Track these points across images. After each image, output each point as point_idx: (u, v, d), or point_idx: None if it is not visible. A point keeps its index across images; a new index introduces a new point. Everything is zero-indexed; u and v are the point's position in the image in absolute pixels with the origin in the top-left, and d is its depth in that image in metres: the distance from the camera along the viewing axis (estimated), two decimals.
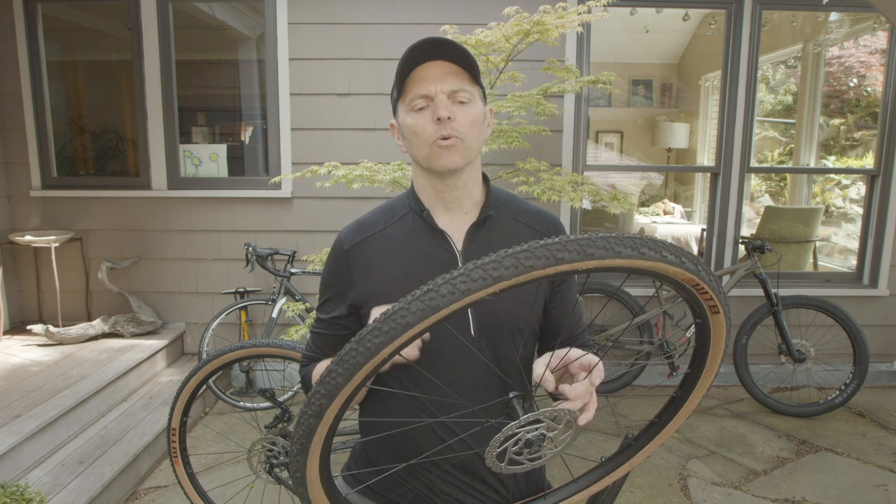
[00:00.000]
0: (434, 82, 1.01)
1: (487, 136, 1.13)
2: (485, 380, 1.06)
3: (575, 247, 0.59)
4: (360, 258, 1.09)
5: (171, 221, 3.93)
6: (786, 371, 3.96)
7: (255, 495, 2.62)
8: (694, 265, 0.65)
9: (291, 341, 2.11)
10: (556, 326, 1.16)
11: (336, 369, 0.62)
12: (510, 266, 0.58)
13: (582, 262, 0.59)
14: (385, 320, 0.60)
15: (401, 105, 1.06)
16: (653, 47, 6.73)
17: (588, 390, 0.86)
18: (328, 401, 0.64)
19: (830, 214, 6.37)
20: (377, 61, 3.75)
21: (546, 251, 0.58)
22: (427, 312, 0.59)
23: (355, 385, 0.64)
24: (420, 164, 1.08)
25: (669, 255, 0.63)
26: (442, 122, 1.01)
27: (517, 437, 0.78)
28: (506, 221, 1.12)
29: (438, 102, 1.01)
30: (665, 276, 0.65)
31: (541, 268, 0.58)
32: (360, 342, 0.61)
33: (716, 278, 0.69)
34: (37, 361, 3.36)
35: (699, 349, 0.82)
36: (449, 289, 0.59)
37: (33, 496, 1.99)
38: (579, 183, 3.15)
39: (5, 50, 3.77)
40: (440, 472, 1.07)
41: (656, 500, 2.67)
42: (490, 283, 0.58)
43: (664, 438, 0.95)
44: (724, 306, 0.72)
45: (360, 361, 0.61)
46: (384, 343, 0.60)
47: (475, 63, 1.04)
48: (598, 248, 0.59)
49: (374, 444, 1.14)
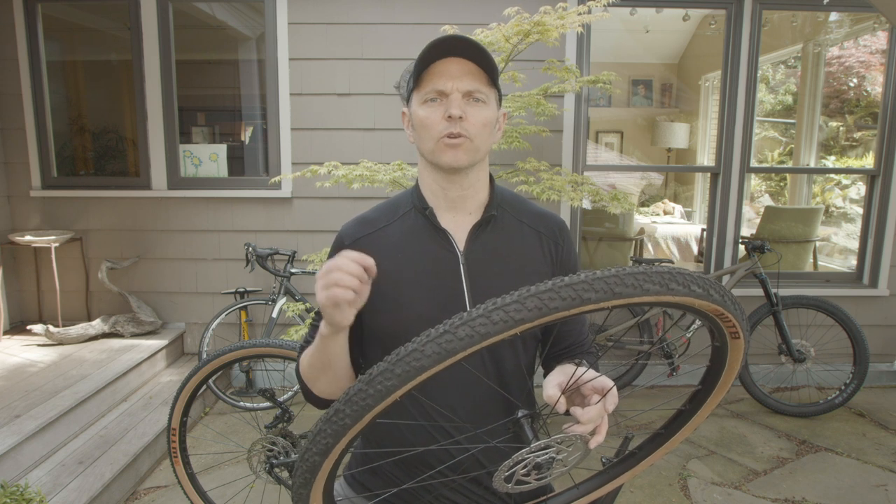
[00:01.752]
0: (452, 79, 1.00)
1: (498, 139, 1.11)
2: (486, 388, 1.05)
3: (602, 286, 0.56)
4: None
5: (171, 221, 3.93)
6: (786, 371, 3.96)
7: (255, 495, 2.62)
8: (721, 296, 0.63)
9: (291, 341, 2.11)
10: (560, 332, 1.15)
11: (344, 409, 0.60)
12: (533, 308, 0.55)
13: (609, 301, 0.57)
14: (398, 362, 0.58)
15: (415, 95, 1.05)
16: (653, 47, 6.73)
17: (601, 414, 0.84)
18: (335, 440, 0.62)
19: (830, 214, 6.37)
20: (377, 61, 3.74)
21: (573, 291, 0.56)
22: (442, 356, 0.57)
23: (364, 425, 0.61)
24: (426, 157, 1.07)
25: (697, 288, 0.60)
26: (453, 119, 1.00)
27: (526, 461, 0.76)
28: (509, 223, 1.11)
29: (452, 100, 1.00)
30: (692, 308, 0.63)
31: (565, 309, 0.55)
32: (370, 383, 0.58)
33: (740, 306, 0.67)
34: (37, 361, 3.36)
35: (712, 369, 0.80)
36: (467, 331, 0.56)
37: (33, 496, 1.99)
38: (579, 183, 3.15)
39: (5, 50, 3.76)
40: (439, 475, 1.06)
41: (656, 500, 2.67)
42: (511, 325, 0.56)
43: (669, 449, 0.94)
44: (745, 332, 0.71)
45: (371, 404, 0.59)
46: (396, 386, 0.58)
47: (495, 66, 1.03)
48: (626, 287, 0.57)
49: (373, 446, 1.14)
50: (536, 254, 1.11)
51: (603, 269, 0.59)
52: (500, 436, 0.98)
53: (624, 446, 0.97)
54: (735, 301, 0.67)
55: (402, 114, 1.12)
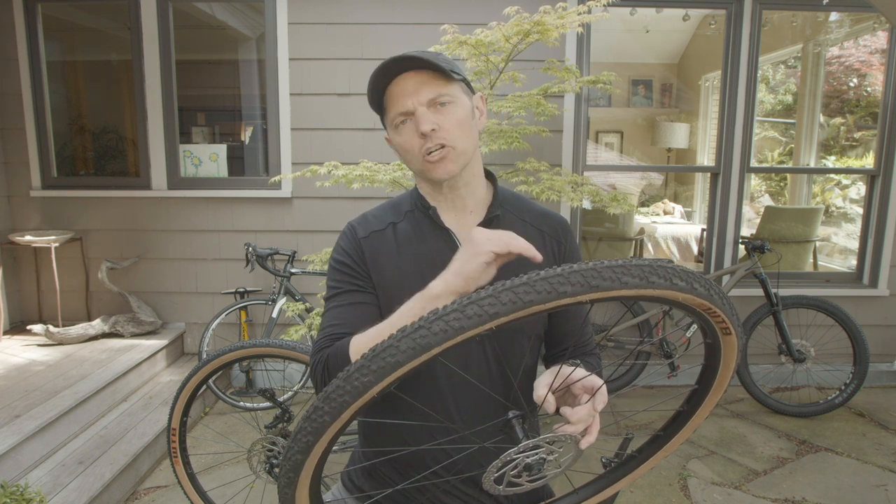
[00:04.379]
0: (410, 96, 1.00)
1: (483, 126, 1.11)
2: (487, 386, 1.05)
3: (578, 279, 0.56)
4: (370, 250, 1.08)
5: (171, 221, 3.93)
6: (786, 371, 3.96)
7: (255, 495, 2.62)
8: (706, 290, 0.62)
9: (291, 341, 2.11)
10: (561, 332, 1.15)
11: (322, 407, 0.60)
12: (508, 302, 0.55)
13: (586, 294, 0.56)
14: (373, 358, 0.58)
15: (386, 122, 1.06)
16: (653, 47, 6.72)
17: (590, 414, 0.84)
18: (315, 438, 0.62)
19: (830, 214, 6.37)
20: (377, 61, 3.67)
21: (547, 284, 0.55)
22: (417, 352, 0.56)
23: (343, 422, 0.61)
24: (417, 175, 1.09)
25: (680, 281, 0.59)
26: (427, 135, 0.99)
27: (516, 461, 0.76)
28: (512, 222, 1.11)
29: (419, 116, 0.99)
30: (676, 302, 0.62)
31: (540, 302, 0.55)
32: (347, 380, 0.58)
33: (728, 301, 0.66)
34: (37, 361, 3.36)
35: (708, 367, 0.80)
36: (441, 326, 0.56)
37: (33, 496, 1.99)
38: (579, 183, 3.15)
39: (5, 50, 3.76)
40: (435, 478, 1.06)
41: (656, 500, 2.67)
42: (486, 320, 0.55)
43: (669, 451, 0.93)
44: (737, 328, 0.70)
45: (348, 400, 0.59)
46: (372, 382, 0.58)
47: (447, 60, 1.02)
48: (603, 280, 0.56)
49: (373, 447, 1.14)
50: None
51: (582, 262, 0.58)
52: (492, 437, 0.99)
53: (624, 447, 0.96)
54: (723, 295, 0.65)
55: (386, 140, 1.12)
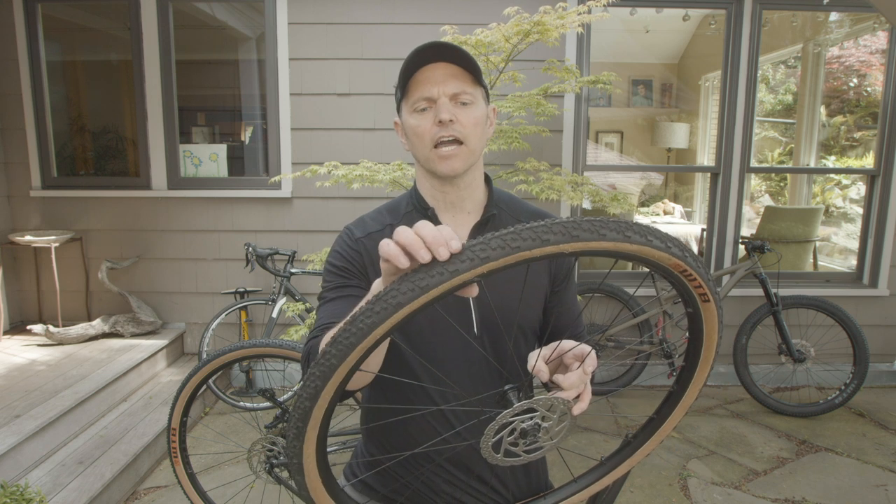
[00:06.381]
0: (437, 85, 1.02)
1: (490, 135, 1.15)
2: (486, 378, 1.07)
3: (560, 229, 0.60)
4: (368, 251, 1.10)
5: (171, 221, 3.93)
6: (786, 371, 3.96)
7: (255, 495, 2.62)
8: (680, 251, 0.66)
9: (291, 341, 2.12)
10: (556, 329, 1.17)
11: (330, 350, 0.63)
12: (497, 247, 0.60)
13: (567, 243, 0.61)
14: (377, 301, 0.62)
15: (404, 105, 1.07)
16: (653, 47, 6.72)
17: (582, 379, 0.86)
18: (323, 382, 0.65)
19: (830, 214, 6.37)
20: (377, 61, 3.75)
21: (532, 233, 0.60)
22: (417, 293, 0.60)
23: (350, 366, 0.65)
24: (422, 165, 1.10)
25: (655, 240, 0.64)
26: (444, 124, 1.02)
27: (512, 426, 0.78)
28: (508, 221, 1.14)
29: (441, 105, 1.02)
30: (651, 260, 0.66)
31: (527, 249, 0.60)
32: (352, 323, 0.62)
33: (704, 265, 0.70)
34: (37, 361, 3.36)
35: (692, 341, 0.82)
36: (439, 270, 0.61)
37: (33, 496, 1.99)
38: (579, 183, 3.15)
39: (5, 50, 3.77)
40: (439, 470, 1.07)
41: (656, 500, 2.67)
42: (478, 263, 0.60)
43: (663, 435, 0.95)
44: (714, 294, 0.73)
45: (354, 342, 0.62)
46: (376, 323, 0.61)
47: (477, 65, 1.06)
48: (583, 231, 0.61)
49: (374, 442, 1.15)
50: None
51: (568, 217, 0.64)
52: (489, 408, 1.00)
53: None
54: (699, 260, 0.69)
55: (394, 123, 1.14)
